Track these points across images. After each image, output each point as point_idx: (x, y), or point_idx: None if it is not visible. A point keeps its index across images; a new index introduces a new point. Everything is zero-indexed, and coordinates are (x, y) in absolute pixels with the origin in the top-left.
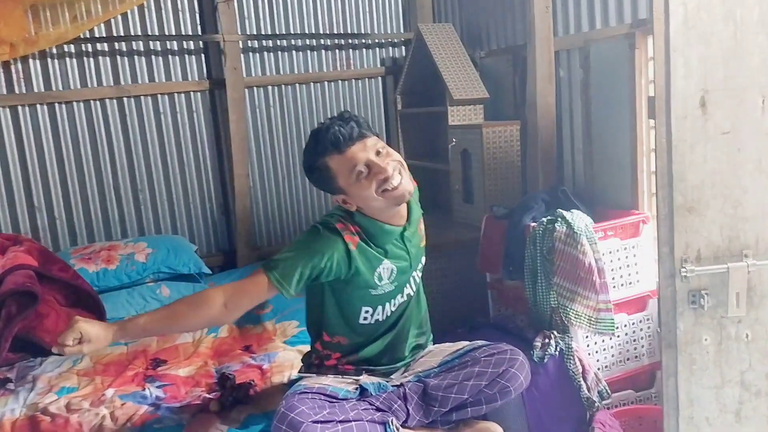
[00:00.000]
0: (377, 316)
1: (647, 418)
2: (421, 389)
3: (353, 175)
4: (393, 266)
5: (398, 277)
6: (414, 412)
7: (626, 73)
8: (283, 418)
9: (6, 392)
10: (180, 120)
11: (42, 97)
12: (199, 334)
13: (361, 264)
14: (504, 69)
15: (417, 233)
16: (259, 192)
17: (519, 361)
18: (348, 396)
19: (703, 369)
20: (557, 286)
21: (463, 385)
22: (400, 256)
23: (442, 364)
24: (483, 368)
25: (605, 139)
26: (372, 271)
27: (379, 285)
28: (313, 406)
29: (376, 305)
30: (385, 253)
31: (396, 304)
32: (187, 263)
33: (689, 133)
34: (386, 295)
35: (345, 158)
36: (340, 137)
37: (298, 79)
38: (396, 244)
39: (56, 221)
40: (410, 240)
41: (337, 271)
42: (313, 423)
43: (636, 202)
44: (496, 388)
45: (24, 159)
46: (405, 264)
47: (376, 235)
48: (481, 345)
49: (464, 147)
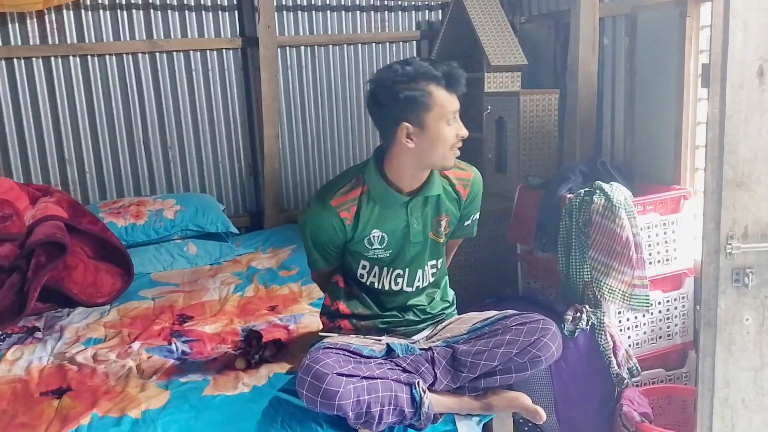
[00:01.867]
0: (373, 279)
1: (676, 397)
2: (449, 354)
3: (448, 115)
4: (382, 234)
5: (390, 245)
6: (442, 376)
7: (675, 42)
8: (308, 369)
9: (34, 341)
10: (212, 77)
11: (75, 48)
12: (225, 292)
13: (355, 230)
14: (545, 35)
15: (428, 222)
16: (288, 154)
17: (552, 331)
18: (372, 354)
19: (742, 350)
20: (592, 260)
21: (493, 352)
22: (397, 225)
23: (471, 330)
24: (514, 336)
25: (649, 110)
26: (363, 237)
27: (370, 248)
28: (338, 360)
29: (373, 265)
30: (378, 220)
31: (396, 280)
32: (215, 222)
33: (744, 103)
34: (381, 260)
35: (450, 98)
36: (458, 78)
37: (332, 40)
38: (398, 211)
39: (86, 174)
40: (416, 213)
41: (343, 240)
42: (338, 375)
43: (678, 177)
44: (527, 357)
45: (56, 111)
46: (400, 236)
47: (381, 198)
48: (512, 314)
49: (500, 115)
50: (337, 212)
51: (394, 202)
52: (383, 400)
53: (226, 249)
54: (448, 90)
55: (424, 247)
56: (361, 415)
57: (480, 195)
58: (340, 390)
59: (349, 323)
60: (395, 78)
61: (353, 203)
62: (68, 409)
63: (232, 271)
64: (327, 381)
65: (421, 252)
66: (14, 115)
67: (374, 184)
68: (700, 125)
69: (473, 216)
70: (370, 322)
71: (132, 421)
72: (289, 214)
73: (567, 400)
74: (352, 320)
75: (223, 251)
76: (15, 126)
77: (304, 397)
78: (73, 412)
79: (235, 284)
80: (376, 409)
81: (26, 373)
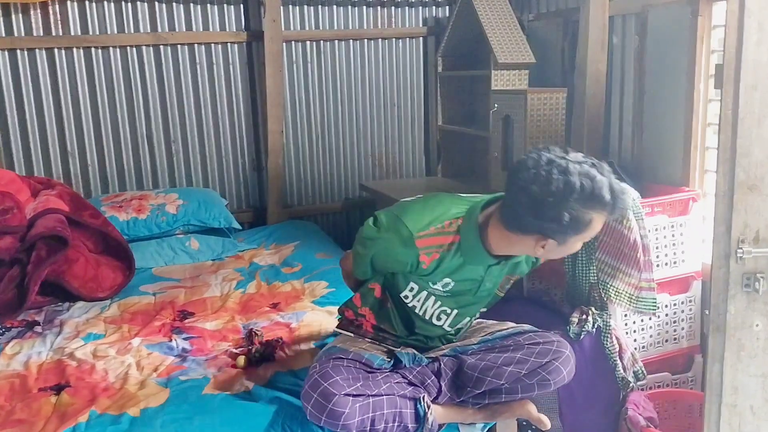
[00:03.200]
0: (416, 303)
1: (682, 402)
2: (456, 365)
3: (590, 237)
4: (452, 282)
5: (452, 291)
6: (446, 389)
7: (686, 41)
8: (316, 385)
9: (33, 335)
10: (216, 71)
11: (78, 40)
12: (227, 288)
13: (424, 273)
14: (553, 33)
15: (499, 281)
16: (292, 150)
17: (565, 355)
18: (383, 365)
19: (751, 356)
20: (598, 262)
21: (501, 369)
22: (469, 279)
23: (481, 341)
24: (525, 356)
25: (658, 111)
26: (431, 279)
27: (432, 286)
28: (348, 377)
29: (423, 292)
30: (454, 272)
31: (440, 316)
32: (218, 217)
33: (758, 105)
34: (433, 293)
35: (602, 222)
36: (624, 206)
37: (338, 35)
38: (475, 269)
39: (88, 167)
40: (491, 277)
41: (408, 271)
42: (345, 396)
43: (687, 179)
44: (536, 379)
45: (58, 103)
46: (468, 288)
47: (469, 254)
48: (528, 330)
49: (506, 113)
50: (418, 253)
51: (481, 261)
52: (387, 417)
53: (228, 244)
54: (608, 216)
55: (482, 301)
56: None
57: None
58: (346, 411)
59: (371, 328)
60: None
61: (438, 250)
62: (66, 405)
63: (234, 267)
64: (334, 401)
65: (478, 305)
66: (17, 107)
67: (468, 240)
68: (710, 126)
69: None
70: (391, 337)
71: (131, 420)
72: (293, 210)
73: (571, 404)
74: (375, 329)
75: (225, 247)
76: (17, 118)
77: (309, 412)
78: (71, 409)
79: (237, 280)
80: (380, 426)
81: (25, 368)
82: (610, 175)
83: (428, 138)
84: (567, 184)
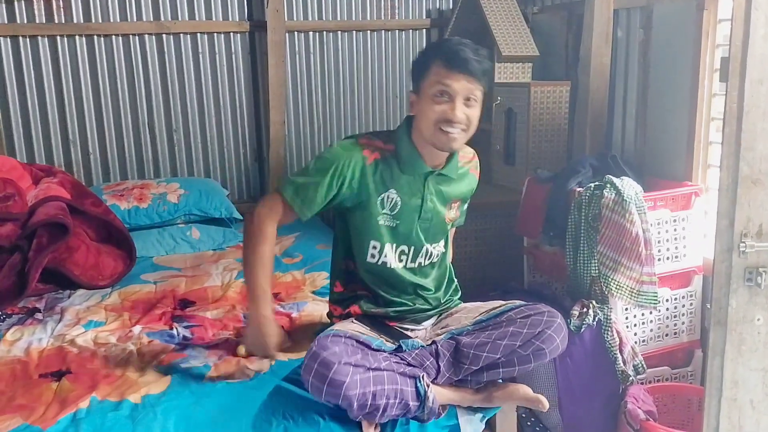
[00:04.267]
0: (384, 258)
1: (681, 396)
2: (453, 346)
3: (434, 90)
4: (398, 198)
5: (401, 216)
6: (445, 368)
7: (691, 35)
8: (316, 356)
9: (34, 321)
10: (218, 61)
11: (81, 28)
12: (228, 278)
13: (371, 182)
14: (557, 26)
15: (445, 197)
16: (294, 141)
17: (557, 323)
18: (381, 347)
19: (752, 350)
20: (600, 255)
21: (496, 344)
22: (412, 194)
23: (476, 322)
24: (518, 329)
25: (662, 105)
26: (378, 194)
27: (381, 212)
28: (346, 349)
29: (383, 242)
30: (396, 181)
31: (402, 258)
32: (219, 207)
33: (764, 99)
34: (388, 233)
35: (443, 72)
36: (457, 55)
37: (341, 26)
38: (416, 179)
39: (90, 156)
40: (432, 188)
41: (349, 186)
42: (345, 364)
43: (690, 173)
44: (530, 350)
45: (60, 91)
46: (413, 205)
47: (404, 160)
48: (517, 305)
49: (509, 106)
50: (360, 148)
51: (417, 168)
52: (388, 392)
53: (229, 235)
54: (447, 68)
55: (431, 226)
56: (365, 406)
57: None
58: (347, 380)
59: (359, 308)
60: (420, 53)
61: (378, 150)
62: (67, 391)
63: (235, 257)
64: (335, 369)
65: (428, 230)
66: (18, 95)
67: (402, 147)
68: (714, 121)
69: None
70: (381, 310)
71: (132, 406)
72: None
73: (571, 397)
74: (363, 307)
75: (226, 237)
76: (19, 105)
77: (310, 384)
78: (72, 395)
79: (237, 270)
80: (381, 402)
81: (25, 355)
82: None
83: None
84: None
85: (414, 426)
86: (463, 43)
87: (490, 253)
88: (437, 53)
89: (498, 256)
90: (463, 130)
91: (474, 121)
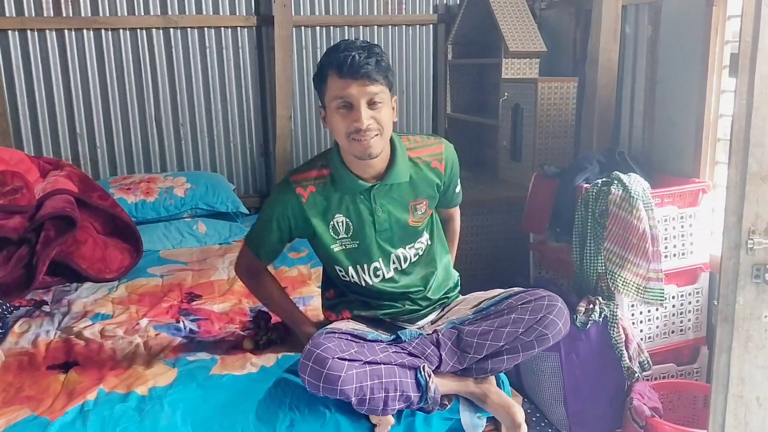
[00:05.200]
0: (354, 279)
1: (687, 393)
2: (455, 335)
3: (335, 103)
4: (346, 220)
5: (358, 236)
6: (447, 358)
7: (700, 31)
8: (309, 354)
9: (42, 314)
10: (225, 55)
11: (89, 22)
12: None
13: (313, 216)
14: (565, 22)
15: (402, 202)
16: (300, 136)
17: (558, 307)
18: (378, 338)
19: (759, 347)
20: (607, 251)
21: (499, 332)
22: (360, 212)
23: (477, 311)
24: (520, 315)
25: (670, 102)
26: (326, 224)
27: (336, 239)
28: (340, 344)
29: (346, 265)
30: (340, 205)
31: (378, 274)
32: (225, 201)
33: None
34: (348, 257)
35: (338, 83)
36: (347, 62)
37: (348, 21)
38: (361, 198)
39: (97, 149)
40: (380, 200)
41: (296, 226)
42: (339, 359)
43: (697, 170)
44: (533, 335)
45: (68, 84)
46: (366, 222)
47: (341, 181)
48: (517, 291)
49: (516, 102)
50: (293, 187)
51: (355, 188)
52: (387, 386)
53: (235, 229)
54: (339, 76)
55: (393, 234)
56: (365, 401)
57: (457, 163)
58: (342, 375)
59: (350, 313)
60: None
61: (312, 182)
62: (75, 383)
63: None
64: (329, 365)
65: (391, 238)
66: (26, 88)
67: (336, 169)
68: (722, 118)
69: (457, 184)
70: (371, 312)
71: (139, 398)
72: None
73: (576, 393)
74: (354, 312)
75: (232, 231)
76: (27, 98)
77: (307, 382)
78: (79, 387)
79: None
80: (379, 395)
81: (33, 347)
82: (352, 47)
83: (436, 126)
84: (323, 56)
85: (419, 417)
86: (351, 47)
87: (496, 249)
88: (327, 65)
89: (504, 251)
90: (377, 135)
91: (385, 121)
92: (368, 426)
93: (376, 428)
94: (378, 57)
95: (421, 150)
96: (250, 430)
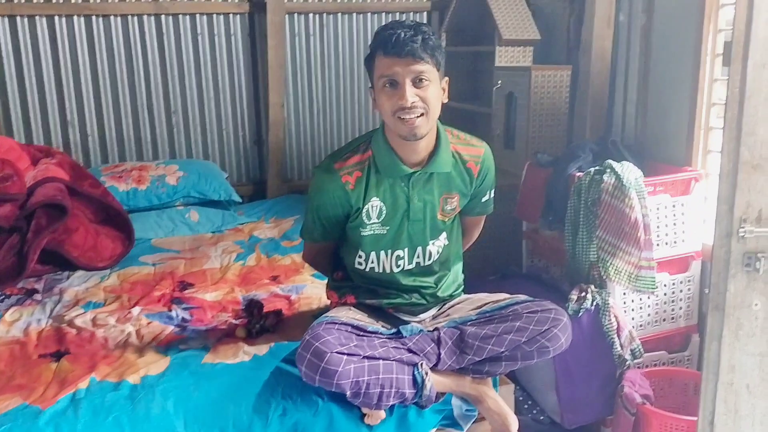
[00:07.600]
0: (371, 264)
1: (678, 380)
2: (456, 335)
3: (382, 81)
4: (381, 205)
5: (390, 222)
6: (446, 356)
7: (693, 20)
8: (308, 345)
9: (33, 302)
10: (217, 42)
11: (79, 8)
12: (226, 260)
13: (355, 201)
14: (559, 9)
15: (437, 192)
16: (293, 123)
17: (563, 322)
18: (378, 331)
19: (749, 335)
20: (599, 240)
21: (501, 338)
22: (396, 198)
23: (481, 313)
24: (524, 324)
25: (663, 90)
26: (362, 207)
27: (368, 224)
28: (339, 337)
29: (368, 251)
30: (378, 188)
31: (399, 264)
32: (218, 189)
33: (766, 83)
34: (378, 241)
35: (384, 62)
36: (392, 40)
37: (341, 8)
38: (400, 184)
39: (88, 137)
40: (418, 186)
41: (344, 212)
42: (338, 354)
43: (690, 159)
44: (535, 346)
45: (59, 71)
46: (400, 209)
47: (382, 164)
48: (524, 300)
49: (510, 90)
50: (339, 175)
51: (397, 172)
52: (383, 381)
53: (228, 217)
54: (385, 54)
55: (425, 225)
56: (359, 394)
57: (493, 170)
58: (339, 369)
59: (354, 298)
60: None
61: (356, 167)
62: (66, 372)
63: (233, 240)
64: (327, 359)
65: (422, 230)
66: (16, 75)
67: (379, 151)
68: (715, 106)
69: (489, 192)
70: (376, 301)
71: (131, 387)
72: (293, 184)
73: (568, 380)
74: (358, 298)
75: (225, 219)
76: (17, 85)
77: (303, 373)
78: (71, 376)
79: (236, 253)
80: (375, 391)
81: (24, 335)
82: (399, 26)
83: None
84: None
85: (413, 410)
86: (397, 25)
87: (489, 237)
88: (375, 44)
89: (497, 240)
90: (423, 114)
91: (432, 101)
92: (360, 414)
93: (366, 417)
94: (424, 35)
95: (463, 147)
96: (243, 418)
